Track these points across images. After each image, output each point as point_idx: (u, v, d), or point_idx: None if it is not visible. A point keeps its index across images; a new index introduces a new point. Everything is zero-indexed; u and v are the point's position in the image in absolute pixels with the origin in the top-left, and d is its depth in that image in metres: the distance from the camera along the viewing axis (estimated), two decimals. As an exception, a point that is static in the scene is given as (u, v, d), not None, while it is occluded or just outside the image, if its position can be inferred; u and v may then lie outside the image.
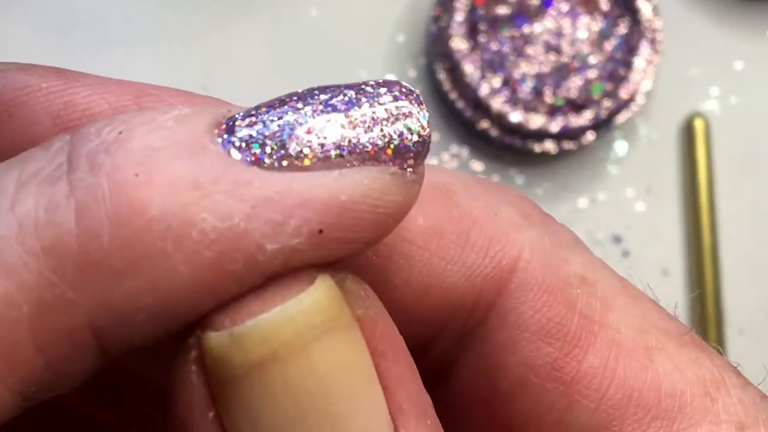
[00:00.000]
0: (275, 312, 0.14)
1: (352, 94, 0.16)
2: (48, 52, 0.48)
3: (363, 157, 0.15)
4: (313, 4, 0.49)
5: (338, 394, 0.14)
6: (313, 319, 0.14)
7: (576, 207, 0.48)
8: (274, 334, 0.14)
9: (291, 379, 0.14)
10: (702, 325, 0.47)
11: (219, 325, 0.14)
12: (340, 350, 0.14)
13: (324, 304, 0.14)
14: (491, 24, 0.46)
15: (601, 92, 0.45)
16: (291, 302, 0.14)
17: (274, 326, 0.14)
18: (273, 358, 0.14)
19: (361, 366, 0.14)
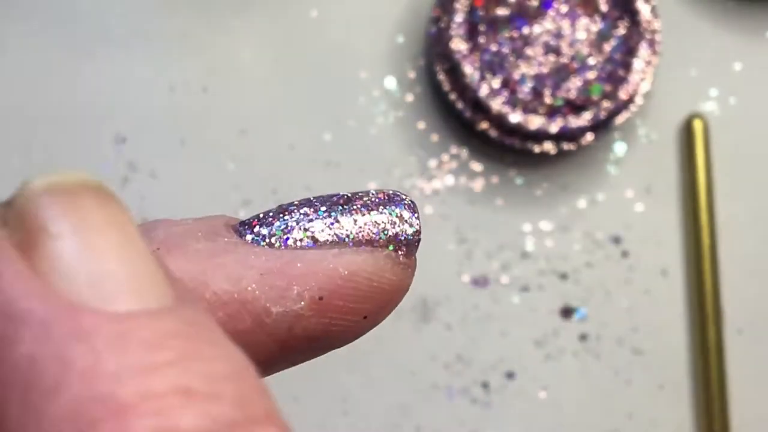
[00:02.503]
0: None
1: (350, 204, 0.18)
2: (48, 52, 0.48)
3: (360, 242, 0.17)
4: (313, 4, 0.49)
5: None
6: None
7: (575, 207, 0.48)
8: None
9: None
10: (701, 325, 0.47)
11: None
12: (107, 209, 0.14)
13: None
14: (491, 25, 0.46)
15: (601, 93, 0.45)
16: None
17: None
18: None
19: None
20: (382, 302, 0.17)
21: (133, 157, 0.47)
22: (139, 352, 0.12)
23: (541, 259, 0.48)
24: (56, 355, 0.11)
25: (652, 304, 0.48)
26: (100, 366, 0.11)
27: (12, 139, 0.47)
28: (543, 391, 0.47)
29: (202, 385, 0.12)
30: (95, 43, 0.48)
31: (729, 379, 0.47)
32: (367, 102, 0.48)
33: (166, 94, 0.48)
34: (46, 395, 0.11)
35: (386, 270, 0.17)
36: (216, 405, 0.12)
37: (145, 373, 0.12)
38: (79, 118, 0.48)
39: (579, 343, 0.48)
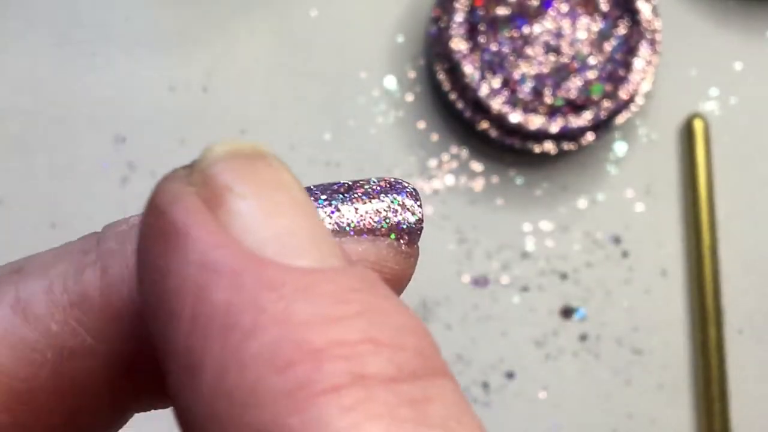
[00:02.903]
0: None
1: (351, 192, 0.17)
2: (48, 52, 0.48)
3: (361, 231, 0.16)
4: (313, 4, 0.49)
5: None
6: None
7: (575, 207, 0.48)
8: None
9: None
10: (701, 325, 0.47)
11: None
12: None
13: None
14: (491, 25, 0.46)
15: (601, 93, 0.45)
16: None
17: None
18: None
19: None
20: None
21: (133, 157, 0.47)
22: (327, 303, 0.13)
23: (541, 259, 0.48)
24: (251, 301, 0.12)
25: (652, 304, 0.48)
26: (292, 313, 0.12)
27: (12, 139, 0.47)
28: (543, 391, 0.47)
29: (387, 336, 0.13)
30: (95, 43, 0.48)
31: (729, 379, 0.47)
32: (367, 102, 0.48)
33: (166, 94, 0.48)
34: (244, 336, 0.12)
35: (388, 259, 0.17)
36: (400, 354, 0.12)
37: (334, 322, 0.12)
38: (79, 118, 0.47)
39: (579, 343, 0.48)
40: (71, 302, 0.15)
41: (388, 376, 0.12)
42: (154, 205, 0.14)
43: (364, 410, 0.12)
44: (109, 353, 0.15)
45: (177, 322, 0.13)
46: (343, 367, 0.12)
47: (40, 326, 0.15)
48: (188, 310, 0.13)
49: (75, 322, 0.15)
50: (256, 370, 0.12)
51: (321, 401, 0.12)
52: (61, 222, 0.47)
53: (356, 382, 0.12)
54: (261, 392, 0.12)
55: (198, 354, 0.12)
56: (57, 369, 0.15)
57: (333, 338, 0.12)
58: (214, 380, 0.12)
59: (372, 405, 0.12)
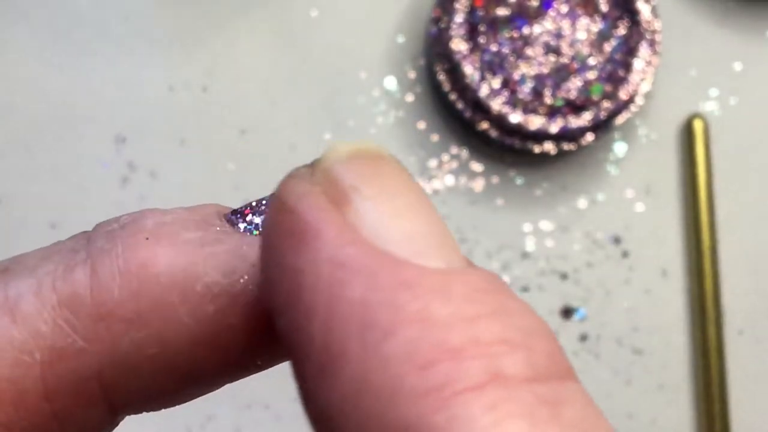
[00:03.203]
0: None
1: None
2: (48, 52, 0.48)
3: None
4: (313, 4, 0.49)
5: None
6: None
7: (575, 207, 0.48)
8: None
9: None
10: (701, 325, 0.47)
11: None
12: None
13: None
14: (491, 25, 0.46)
15: (601, 93, 0.45)
16: None
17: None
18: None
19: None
20: None
21: (133, 157, 0.47)
22: (461, 304, 0.13)
23: (541, 259, 0.48)
24: (388, 300, 0.13)
25: (652, 304, 0.48)
26: (429, 313, 0.13)
27: (12, 139, 0.47)
28: (543, 391, 0.47)
29: (519, 336, 0.13)
30: (95, 43, 0.48)
31: (729, 379, 0.47)
32: (367, 102, 0.48)
33: (166, 94, 0.48)
34: (383, 335, 0.12)
35: None
36: (533, 355, 0.13)
37: (470, 322, 0.13)
38: (79, 118, 0.47)
39: (579, 343, 0.48)
40: (60, 302, 0.15)
41: (525, 376, 0.12)
42: (282, 203, 0.14)
43: (505, 409, 0.12)
44: (99, 354, 0.15)
45: (312, 319, 0.13)
46: (483, 366, 0.12)
47: (28, 326, 0.15)
48: (323, 307, 0.13)
49: (64, 322, 0.15)
50: (398, 367, 0.12)
51: (464, 399, 0.12)
52: (61, 222, 0.47)
53: (496, 381, 0.12)
54: (404, 389, 0.12)
55: (337, 350, 0.13)
56: (46, 370, 0.15)
57: (470, 338, 0.12)
58: (357, 376, 0.12)
59: (512, 404, 0.12)
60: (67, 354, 0.15)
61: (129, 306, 0.15)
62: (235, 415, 0.46)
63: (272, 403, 0.46)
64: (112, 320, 0.15)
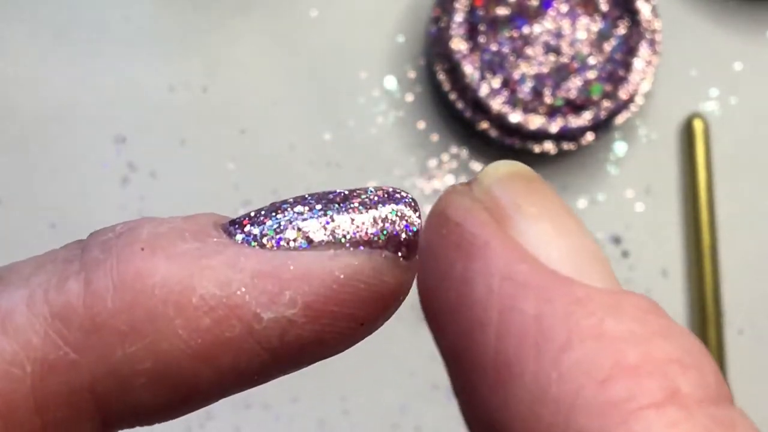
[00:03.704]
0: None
1: (347, 201, 0.17)
2: (47, 52, 0.48)
3: (358, 243, 0.16)
4: (313, 4, 0.49)
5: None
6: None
7: (575, 207, 0.48)
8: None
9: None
10: (701, 325, 0.47)
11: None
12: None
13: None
14: (491, 25, 0.46)
15: (601, 93, 0.45)
16: None
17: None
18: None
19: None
20: (381, 308, 0.16)
21: (133, 157, 0.47)
22: (633, 323, 0.13)
23: (541, 259, 0.48)
24: (563, 315, 0.13)
25: (653, 304, 0.48)
26: (604, 330, 0.13)
27: (12, 139, 0.47)
28: (543, 391, 0.47)
29: (689, 357, 0.13)
30: (95, 44, 0.48)
31: (729, 379, 0.47)
32: (367, 102, 0.48)
33: (166, 94, 0.48)
34: (560, 348, 0.13)
35: (385, 273, 0.16)
36: (704, 377, 0.13)
37: (643, 340, 0.13)
38: (80, 118, 0.47)
39: (579, 343, 0.48)
40: (52, 313, 0.15)
41: (699, 396, 0.13)
42: (447, 217, 0.14)
43: (684, 428, 0.12)
44: (91, 366, 0.15)
45: (484, 330, 0.13)
46: (660, 383, 0.13)
47: (19, 338, 0.15)
48: (497, 319, 0.13)
49: (56, 334, 0.15)
50: (577, 380, 0.13)
51: (647, 415, 0.12)
52: (61, 222, 0.47)
53: (674, 399, 0.12)
54: (584, 403, 0.12)
55: (513, 361, 0.13)
56: (36, 383, 0.15)
57: (646, 355, 0.13)
58: (535, 389, 0.13)
59: (692, 424, 0.12)
60: (58, 366, 0.15)
61: (122, 318, 0.15)
62: (235, 415, 0.46)
63: (272, 403, 0.46)
64: (105, 332, 0.15)
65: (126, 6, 0.49)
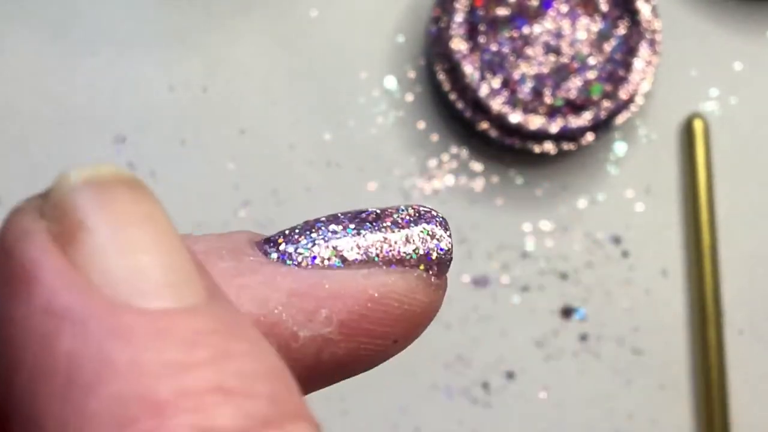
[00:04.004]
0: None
1: (380, 220, 0.17)
2: (47, 52, 0.48)
3: (390, 261, 0.16)
4: (313, 4, 0.49)
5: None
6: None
7: (575, 207, 0.48)
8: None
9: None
10: (701, 325, 0.47)
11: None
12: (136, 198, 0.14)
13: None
14: (491, 25, 0.46)
15: (601, 93, 0.45)
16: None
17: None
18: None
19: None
20: (413, 325, 0.16)
21: (133, 157, 0.47)
22: (175, 350, 0.12)
23: (541, 259, 0.48)
24: (95, 352, 0.12)
25: (653, 304, 0.48)
26: (137, 364, 0.12)
27: (12, 139, 0.47)
28: (543, 391, 0.47)
29: (237, 383, 0.12)
30: (95, 43, 0.48)
31: (729, 379, 0.47)
32: (367, 102, 0.48)
33: (166, 94, 0.48)
34: (85, 391, 0.11)
35: (418, 291, 0.16)
36: (251, 402, 0.12)
37: (182, 371, 0.12)
38: (79, 118, 0.47)
39: (579, 343, 0.48)
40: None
41: (237, 426, 0.12)
42: (2, 244, 0.13)
43: None
44: None
45: (17, 376, 0.12)
46: (189, 420, 0.11)
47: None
48: (29, 363, 0.12)
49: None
50: (97, 429, 0.11)
51: None
52: (61, 222, 0.47)
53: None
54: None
55: (37, 412, 0.11)
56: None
57: (179, 388, 0.11)
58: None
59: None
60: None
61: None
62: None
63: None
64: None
65: (126, 6, 0.49)
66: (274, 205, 0.48)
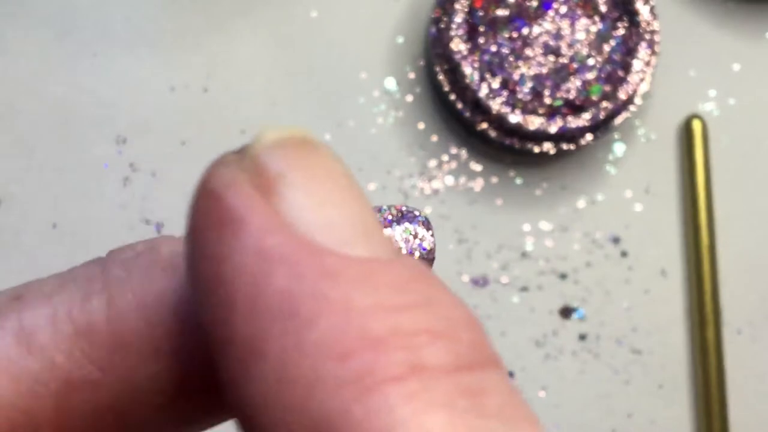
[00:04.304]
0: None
1: None
2: (48, 52, 0.48)
3: None
4: (314, 5, 0.49)
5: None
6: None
7: (575, 207, 0.49)
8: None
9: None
10: (700, 325, 0.47)
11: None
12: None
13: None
14: (490, 26, 0.46)
15: (600, 93, 0.46)
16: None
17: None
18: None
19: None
20: None
21: (134, 158, 0.47)
22: (386, 293, 0.13)
23: (540, 259, 0.48)
24: (310, 289, 0.13)
25: (652, 304, 0.48)
26: (351, 303, 0.12)
27: (12, 139, 0.47)
28: (542, 390, 0.47)
29: (443, 326, 0.13)
30: (95, 43, 0.48)
31: (728, 379, 0.47)
32: (367, 102, 0.48)
33: (166, 94, 0.48)
34: (304, 324, 0.12)
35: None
36: (457, 346, 0.13)
37: (393, 312, 0.13)
38: (80, 118, 0.48)
39: (578, 343, 0.48)
40: (77, 332, 0.15)
41: (446, 366, 0.12)
42: (208, 190, 0.14)
43: (424, 399, 0.12)
44: (115, 386, 0.15)
45: (234, 310, 0.13)
46: (403, 357, 0.12)
47: (44, 357, 0.14)
48: (246, 298, 0.13)
49: (80, 353, 0.15)
50: (318, 357, 0.12)
51: (383, 390, 0.12)
52: (62, 222, 0.47)
53: (416, 372, 0.12)
54: (323, 380, 0.12)
55: (259, 341, 0.13)
56: (61, 402, 0.15)
57: (392, 328, 0.12)
58: (278, 367, 0.12)
59: (432, 395, 0.12)
60: (82, 385, 0.15)
61: (145, 338, 0.15)
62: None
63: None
64: (128, 352, 0.15)
65: (126, 6, 0.49)
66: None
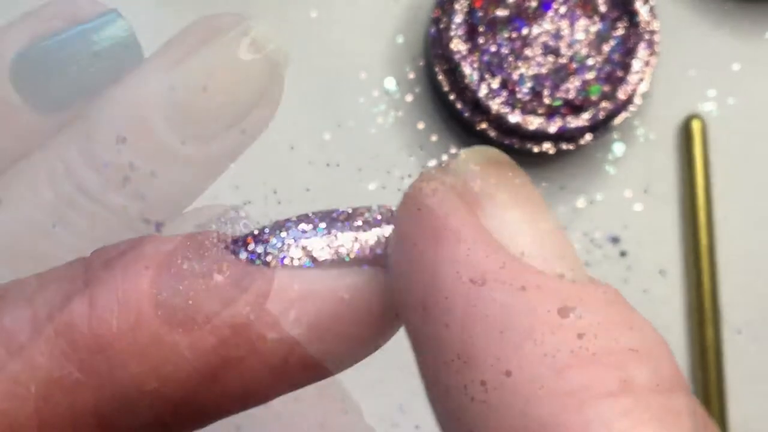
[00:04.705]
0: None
1: (352, 220, 0.17)
2: (49, 53, 0.48)
3: (362, 261, 0.16)
4: (314, 5, 0.49)
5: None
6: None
7: (574, 207, 0.49)
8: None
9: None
10: (699, 324, 0.47)
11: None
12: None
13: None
14: (490, 26, 0.46)
15: (599, 93, 0.46)
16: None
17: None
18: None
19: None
20: (385, 327, 0.16)
21: (134, 158, 0.47)
22: (594, 314, 0.14)
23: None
24: (526, 306, 0.13)
25: (651, 303, 0.48)
26: (565, 320, 0.13)
27: (13, 139, 0.47)
28: (542, 390, 0.47)
29: (645, 347, 0.14)
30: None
31: (727, 379, 0.47)
32: (367, 102, 0.49)
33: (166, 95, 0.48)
34: (523, 337, 0.13)
35: (389, 291, 0.16)
36: (659, 366, 0.14)
37: (602, 331, 0.13)
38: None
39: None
40: (57, 333, 0.14)
41: (650, 386, 0.13)
42: (420, 201, 0.14)
43: (637, 416, 0.13)
44: (96, 387, 0.14)
45: (449, 317, 0.13)
46: (615, 374, 0.13)
47: (23, 358, 0.14)
48: (462, 307, 0.13)
49: (61, 354, 0.14)
50: (537, 368, 0.13)
51: (601, 404, 0.13)
52: (62, 222, 0.47)
53: (627, 389, 0.13)
54: (543, 390, 0.13)
55: (475, 349, 0.13)
56: (41, 403, 0.14)
57: (603, 346, 0.13)
58: (496, 374, 0.13)
59: (643, 412, 0.13)
60: (62, 387, 0.14)
61: (127, 339, 0.14)
62: (236, 414, 0.46)
63: (273, 402, 0.46)
64: (110, 353, 0.14)
65: (126, 6, 0.49)
66: (274, 205, 0.48)
